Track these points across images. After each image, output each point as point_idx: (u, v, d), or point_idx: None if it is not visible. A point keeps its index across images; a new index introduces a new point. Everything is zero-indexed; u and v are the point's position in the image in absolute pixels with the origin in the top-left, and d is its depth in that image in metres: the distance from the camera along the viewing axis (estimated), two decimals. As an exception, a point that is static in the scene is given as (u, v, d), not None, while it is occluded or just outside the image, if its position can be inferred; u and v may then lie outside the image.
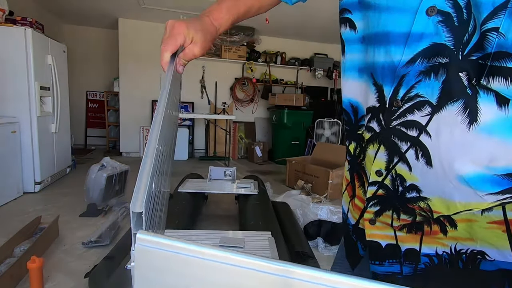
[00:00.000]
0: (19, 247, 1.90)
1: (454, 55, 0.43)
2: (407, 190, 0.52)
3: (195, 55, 0.64)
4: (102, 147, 6.24)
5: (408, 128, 0.49)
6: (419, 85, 0.47)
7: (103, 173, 2.63)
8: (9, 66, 3.04)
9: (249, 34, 5.50)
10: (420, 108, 0.47)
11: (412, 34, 0.46)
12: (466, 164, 0.45)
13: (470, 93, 0.43)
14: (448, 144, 0.46)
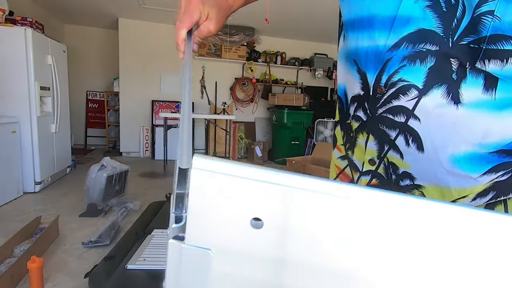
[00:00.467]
0: (19, 247, 1.90)
1: (444, 42, 0.43)
2: (400, 178, 0.52)
3: (210, 31, 0.61)
4: (102, 147, 6.24)
5: (395, 115, 0.49)
6: (403, 70, 0.46)
7: (103, 173, 2.63)
8: (9, 66, 3.04)
9: (249, 34, 5.50)
10: (405, 92, 0.47)
11: (398, 18, 0.45)
12: (459, 144, 0.45)
13: (455, 79, 0.43)
14: (439, 125, 0.45)
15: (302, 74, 6.26)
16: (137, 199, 3.11)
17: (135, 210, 2.81)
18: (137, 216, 2.37)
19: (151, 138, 5.70)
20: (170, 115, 4.69)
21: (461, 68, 0.43)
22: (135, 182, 3.79)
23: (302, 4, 4.25)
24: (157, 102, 5.69)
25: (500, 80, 0.42)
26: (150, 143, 5.72)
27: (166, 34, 5.58)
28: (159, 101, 5.69)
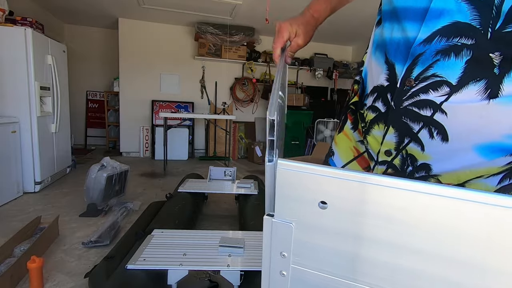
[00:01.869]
0: (19, 247, 1.90)
1: (481, 35, 0.41)
2: (416, 170, 0.53)
3: (299, 45, 0.73)
4: (102, 147, 6.24)
5: (421, 108, 0.49)
6: (437, 65, 0.46)
7: (103, 173, 2.63)
8: (9, 66, 3.03)
9: (249, 34, 5.50)
10: (436, 88, 0.46)
11: (431, 10, 0.43)
12: (485, 134, 0.45)
13: (497, 73, 0.42)
14: (467, 118, 0.45)
15: (302, 74, 6.26)
16: (137, 199, 3.11)
17: (135, 210, 2.81)
18: (137, 216, 2.37)
19: (151, 138, 5.70)
20: (170, 115, 4.69)
21: (505, 61, 0.41)
22: (135, 182, 3.79)
23: (302, 4, 4.24)
24: (157, 102, 5.68)
25: None
26: (150, 143, 5.72)
27: (166, 34, 5.58)
28: (159, 101, 5.69)
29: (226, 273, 1.36)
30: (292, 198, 0.38)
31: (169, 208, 2.16)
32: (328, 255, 0.38)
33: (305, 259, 0.40)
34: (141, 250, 1.48)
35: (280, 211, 0.39)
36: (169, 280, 1.34)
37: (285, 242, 0.40)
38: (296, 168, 0.37)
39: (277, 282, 0.42)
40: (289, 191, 0.38)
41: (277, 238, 0.40)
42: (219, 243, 1.52)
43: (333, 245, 0.37)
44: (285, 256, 0.41)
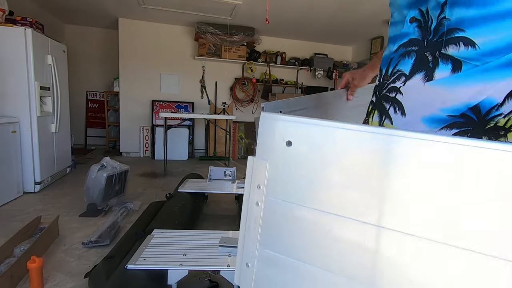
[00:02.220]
0: (19, 247, 1.90)
1: (422, 44, 0.69)
2: None
3: (356, 85, 1.09)
4: (102, 147, 6.24)
5: (390, 92, 0.74)
6: (400, 64, 0.72)
7: (103, 173, 2.63)
8: (9, 66, 3.04)
9: (249, 34, 5.50)
10: (399, 78, 0.72)
11: (400, 34, 0.74)
12: (426, 109, 0.66)
13: (431, 66, 0.66)
14: (414, 97, 0.69)
15: (302, 74, 6.26)
16: (137, 199, 3.11)
17: (135, 210, 2.81)
18: (137, 216, 2.37)
19: (151, 138, 5.70)
20: (170, 115, 4.69)
21: (434, 58, 0.65)
22: (135, 182, 3.79)
23: (302, 4, 4.25)
24: (157, 102, 5.69)
25: (464, 62, 0.61)
26: (150, 143, 5.72)
27: (166, 34, 5.58)
28: (159, 101, 5.69)
29: (226, 273, 1.36)
30: (268, 141, 0.52)
31: (169, 208, 2.16)
32: (292, 187, 0.50)
33: (275, 191, 0.52)
34: (141, 250, 1.48)
35: (260, 152, 0.53)
36: (169, 280, 1.34)
37: (260, 176, 0.53)
38: (272, 117, 0.53)
39: (254, 211, 0.54)
40: (267, 136, 0.53)
41: (255, 173, 0.53)
42: (219, 243, 1.52)
43: (295, 178, 0.50)
44: (260, 187, 0.53)
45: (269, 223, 0.52)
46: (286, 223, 0.51)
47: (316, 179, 0.48)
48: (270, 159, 0.51)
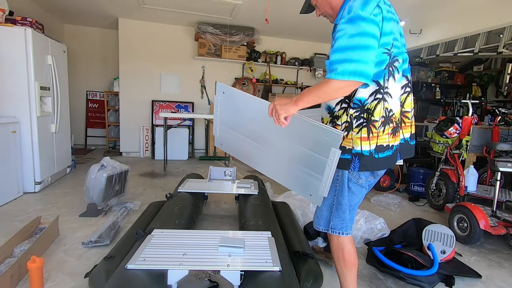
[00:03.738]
0: (19, 247, 1.90)
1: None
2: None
3: (282, 123, 1.28)
4: (102, 147, 6.24)
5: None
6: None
7: (103, 173, 2.63)
8: (9, 66, 3.03)
9: (249, 34, 5.50)
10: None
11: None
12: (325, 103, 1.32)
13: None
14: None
15: (302, 74, 6.26)
16: (137, 199, 3.11)
17: (135, 210, 2.81)
18: (137, 216, 2.37)
19: (151, 138, 5.70)
20: (170, 115, 4.69)
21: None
22: (135, 182, 3.79)
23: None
24: (157, 102, 5.69)
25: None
26: (150, 143, 5.72)
27: (166, 34, 5.58)
28: (159, 101, 5.69)
29: (226, 273, 1.36)
30: (218, 92, 1.51)
31: (169, 208, 2.16)
32: (227, 114, 1.55)
33: (226, 118, 1.55)
34: (141, 250, 1.48)
35: (217, 96, 1.52)
36: (169, 280, 1.34)
37: (223, 111, 1.54)
38: (220, 84, 1.52)
39: (217, 117, 1.58)
40: (219, 90, 1.51)
41: (220, 106, 1.54)
42: (219, 243, 1.52)
43: (227, 109, 1.52)
44: (217, 111, 1.56)
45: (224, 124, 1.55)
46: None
47: (235, 112, 1.49)
48: (220, 100, 1.50)
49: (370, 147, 1.20)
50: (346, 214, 1.30)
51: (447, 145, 3.19)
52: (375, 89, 1.17)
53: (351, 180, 1.28)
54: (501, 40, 3.94)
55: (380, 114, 1.19)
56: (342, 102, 1.24)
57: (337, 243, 1.35)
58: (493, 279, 1.96)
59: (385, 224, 2.41)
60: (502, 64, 6.04)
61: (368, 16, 1.07)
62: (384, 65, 1.15)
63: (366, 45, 1.06)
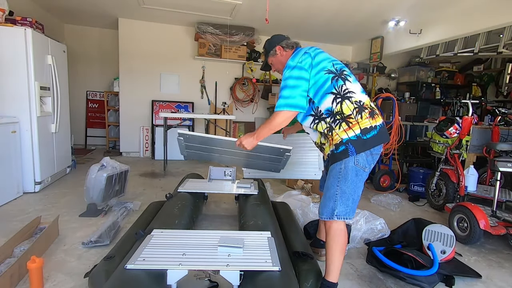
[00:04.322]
0: (19, 247, 1.90)
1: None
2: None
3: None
4: (102, 147, 6.24)
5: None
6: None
7: (103, 173, 2.63)
8: (9, 66, 3.03)
9: (249, 34, 5.50)
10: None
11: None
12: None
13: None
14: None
15: (302, 74, 6.25)
16: (137, 199, 3.11)
17: (135, 210, 2.81)
18: (137, 216, 2.37)
19: (151, 138, 5.70)
20: (170, 115, 4.69)
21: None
22: (135, 182, 3.79)
23: (302, 4, 4.24)
24: (157, 102, 5.69)
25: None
26: (150, 143, 5.72)
27: (166, 34, 5.58)
28: (159, 101, 5.70)
29: (226, 273, 1.36)
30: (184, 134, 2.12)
31: (169, 208, 2.16)
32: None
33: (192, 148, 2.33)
34: (141, 250, 1.48)
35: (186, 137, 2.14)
36: (169, 280, 1.34)
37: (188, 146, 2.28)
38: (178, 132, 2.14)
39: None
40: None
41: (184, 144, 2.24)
42: (219, 243, 1.52)
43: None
44: (182, 146, 2.28)
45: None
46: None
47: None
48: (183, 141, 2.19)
49: (355, 132, 1.49)
50: (349, 201, 1.51)
51: (447, 145, 3.19)
52: (333, 97, 1.51)
53: (353, 168, 1.50)
54: (501, 40, 3.94)
55: (350, 109, 1.50)
56: (312, 122, 1.61)
57: (339, 230, 1.53)
58: (493, 279, 1.96)
59: (385, 225, 2.41)
60: (502, 64, 6.04)
61: (294, 64, 1.56)
62: (329, 80, 1.52)
63: (293, 85, 1.54)
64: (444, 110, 6.40)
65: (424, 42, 4.61)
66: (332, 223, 1.53)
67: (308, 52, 1.60)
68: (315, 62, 1.56)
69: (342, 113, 1.50)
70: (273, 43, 1.82)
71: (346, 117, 1.49)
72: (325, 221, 1.57)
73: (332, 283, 1.52)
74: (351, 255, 2.15)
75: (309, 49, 1.62)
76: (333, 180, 1.53)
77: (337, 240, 1.52)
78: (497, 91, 6.32)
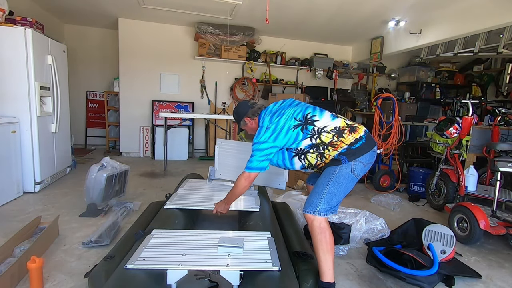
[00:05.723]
0: (19, 247, 1.90)
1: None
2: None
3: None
4: (102, 147, 6.24)
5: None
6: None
7: (103, 173, 2.63)
8: (9, 66, 3.04)
9: (249, 34, 5.50)
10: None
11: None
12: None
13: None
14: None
15: (302, 74, 6.26)
16: (137, 199, 3.11)
17: (135, 210, 2.81)
18: (137, 216, 2.38)
19: (151, 138, 5.70)
20: (170, 115, 4.69)
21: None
22: (135, 182, 3.79)
23: (302, 4, 4.24)
24: (157, 102, 5.69)
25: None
26: (150, 143, 5.72)
27: (166, 34, 5.58)
28: (159, 101, 5.70)
29: (226, 273, 1.36)
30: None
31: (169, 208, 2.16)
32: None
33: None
34: (141, 250, 1.48)
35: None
36: (169, 280, 1.34)
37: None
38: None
39: None
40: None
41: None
42: (219, 243, 1.52)
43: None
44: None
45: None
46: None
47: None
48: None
49: (343, 148, 1.61)
50: (333, 202, 1.59)
51: (447, 145, 3.19)
52: (310, 136, 1.65)
53: (348, 175, 1.60)
54: (501, 40, 3.94)
55: (329, 137, 1.62)
56: (299, 159, 1.73)
57: (320, 228, 1.55)
58: (493, 279, 1.96)
59: (385, 225, 2.41)
60: (502, 64, 6.04)
61: (258, 141, 1.69)
62: (300, 131, 1.66)
63: (261, 153, 1.68)
64: (444, 110, 6.40)
65: (424, 42, 4.60)
66: (313, 220, 1.57)
67: (269, 127, 1.70)
68: (278, 131, 1.66)
69: (323, 143, 1.63)
70: (241, 115, 1.93)
71: (328, 143, 1.62)
72: (306, 217, 1.60)
73: (328, 283, 1.52)
74: (351, 255, 2.15)
75: (270, 122, 1.72)
76: (324, 179, 1.61)
77: (320, 239, 1.54)
78: (497, 91, 6.32)
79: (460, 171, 3.00)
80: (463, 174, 2.97)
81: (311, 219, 1.57)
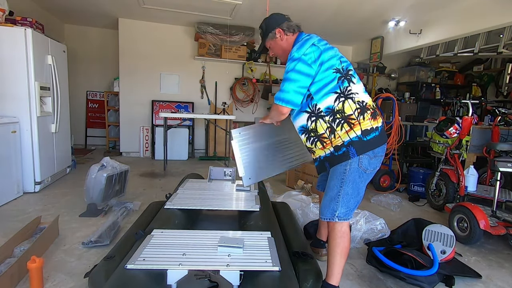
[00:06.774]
0: (19, 247, 1.90)
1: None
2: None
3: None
4: (102, 147, 6.24)
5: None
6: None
7: (103, 173, 2.63)
8: (9, 66, 3.04)
9: (249, 34, 5.50)
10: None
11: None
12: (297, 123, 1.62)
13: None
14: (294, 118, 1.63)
15: (302, 74, 6.24)
16: (137, 199, 3.11)
17: (135, 210, 2.81)
18: (137, 216, 2.37)
19: (151, 138, 5.70)
20: (170, 115, 4.69)
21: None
22: (135, 182, 3.79)
23: (302, 4, 4.24)
24: (157, 102, 5.69)
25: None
26: (150, 143, 5.72)
27: (166, 34, 5.58)
28: (159, 101, 5.70)
29: (226, 273, 1.36)
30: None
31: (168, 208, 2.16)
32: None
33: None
34: (141, 250, 1.48)
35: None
36: (169, 280, 1.34)
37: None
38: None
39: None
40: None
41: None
42: (219, 243, 1.52)
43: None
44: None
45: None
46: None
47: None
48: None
49: (356, 133, 1.43)
50: (351, 203, 1.49)
51: (447, 145, 3.19)
52: (336, 96, 1.44)
53: (357, 170, 1.47)
54: (501, 40, 3.94)
55: (352, 109, 1.44)
56: (308, 118, 1.52)
57: (341, 232, 1.50)
58: (493, 279, 1.96)
59: (385, 225, 2.41)
60: (502, 64, 6.04)
61: (299, 56, 1.44)
62: (336, 80, 1.44)
63: (292, 79, 1.46)
64: (444, 110, 6.40)
65: (424, 42, 4.60)
66: (334, 224, 1.51)
67: (316, 45, 1.46)
68: (324, 58, 1.44)
69: (343, 112, 1.43)
70: (273, 25, 1.64)
71: (347, 116, 1.43)
72: (327, 222, 1.55)
73: (333, 286, 1.52)
74: (351, 255, 2.15)
75: (318, 42, 1.49)
76: (336, 181, 1.49)
77: (339, 243, 1.50)
78: (497, 91, 6.32)
79: (460, 171, 3.00)
80: (463, 174, 2.97)
81: (332, 224, 1.52)
